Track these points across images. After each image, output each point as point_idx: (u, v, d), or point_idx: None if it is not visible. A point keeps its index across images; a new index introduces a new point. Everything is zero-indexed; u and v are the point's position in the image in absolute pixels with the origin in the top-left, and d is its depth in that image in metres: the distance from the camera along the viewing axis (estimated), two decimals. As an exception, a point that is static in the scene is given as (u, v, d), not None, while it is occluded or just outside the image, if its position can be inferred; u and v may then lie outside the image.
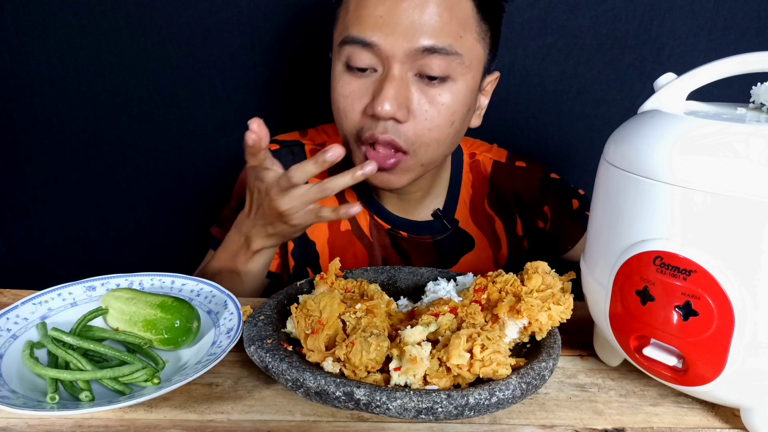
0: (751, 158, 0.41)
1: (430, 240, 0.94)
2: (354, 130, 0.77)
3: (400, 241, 0.94)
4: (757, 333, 0.42)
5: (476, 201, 0.96)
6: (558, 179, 0.99)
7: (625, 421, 0.51)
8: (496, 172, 0.97)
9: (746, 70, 0.48)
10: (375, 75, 0.74)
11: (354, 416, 0.51)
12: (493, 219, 0.97)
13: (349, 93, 0.76)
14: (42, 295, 0.63)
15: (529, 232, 0.99)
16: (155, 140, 1.14)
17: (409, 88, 0.73)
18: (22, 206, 1.20)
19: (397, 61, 0.72)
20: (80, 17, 1.05)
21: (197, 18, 1.06)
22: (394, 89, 0.72)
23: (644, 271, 0.46)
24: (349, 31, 0.73)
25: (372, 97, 0.74)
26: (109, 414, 0.51)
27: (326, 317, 0.54)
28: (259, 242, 0.77)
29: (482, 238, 0.96)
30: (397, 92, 0.72)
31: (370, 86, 0.74)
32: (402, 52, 0.71)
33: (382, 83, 0.73)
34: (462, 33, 0.73)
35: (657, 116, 0.49)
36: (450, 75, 0.74)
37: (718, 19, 1.06)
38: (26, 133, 1.14)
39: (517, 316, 0.53)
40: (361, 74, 0.75)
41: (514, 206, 0.98)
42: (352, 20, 0.73)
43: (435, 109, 0.74)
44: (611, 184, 0.50)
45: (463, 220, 0.95)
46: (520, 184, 0.97)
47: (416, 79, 0.74)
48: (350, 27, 0.73)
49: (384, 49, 0.72)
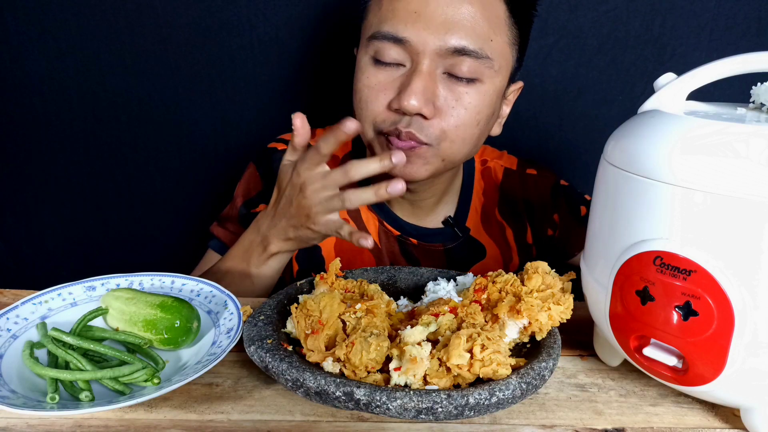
0: (751, 158, 0.41)
1: (441, 248, 0.92)
2: (374, 121, 0.76)
3: (410, 248, 0.92)
4: (757, 333, 0.42)
5: (488, 209, 0.95)
6: (567, 186, 0.99)
7: (625, 421, 0.51)
8: (507, 179, 0.96)
9: (746, 70, 0.48)
10: (402, 69, 0.74)
11: (354, 416, 0.51)
12: (504, 227, 0.96)
13: (374, 84, 0.75)
14: (42, 295, 0.63)
15: (538, 240, 0.98)
16: (155, 140, 1.14)
17: (437, 84, 0.73)
18: (22, 206, 1.20)
19: (426, 57, 0.71)
20: (80, 17, 1.06)
21: (197, 18, 1.06)
22: (422, 84, 0.71)
23: (644, 271, 0.46)
24: (381, 26, 0.73)
25: (398, 91, 0.73)
26: (109, 414, 0.51)
27: (326, 317, 0.54)
28: (277, 245, 0.75)
29: (493, 246, 0.95)
30: (425, 87, 0.71)
31: (397, 80, 0.74)
32: (432, 49, 0.71)
33: (409, 77, 0.72)
34: (493, 36, 0.73)
35: (657, 116, 0.49)
36: (479, 77, 0.73)
37: (719, 19, 1.06)
38: (26, 133, 1.14)
39: (517, 316, 0.53)
40: (387, 67, 0.74)
41: (525, 214, 0.97)
42: (385, 15, 0.73)
43: (462, 108, 0.74)
44: (611, 184, 0.50)
45: (474, 228, 0.94)
46: (531, 192, 0.96)
47: (444, 77, 0.73)
48: (383, 22, 0.73)
49: (415, 45, 0.71)
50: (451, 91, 0.73)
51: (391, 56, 0.73)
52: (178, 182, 1.18)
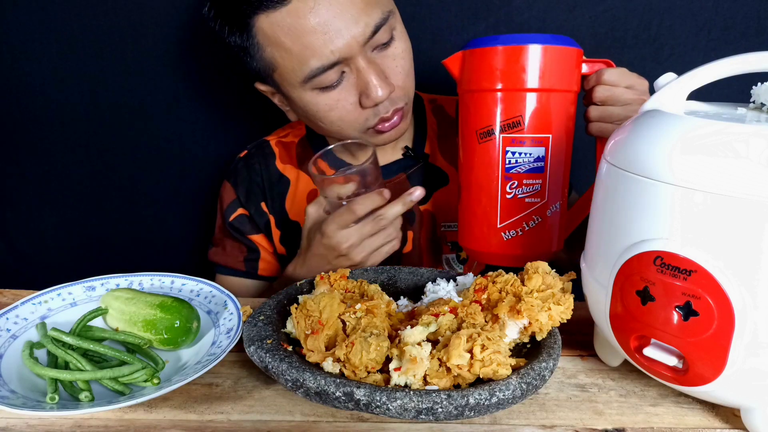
0: (751, 158, 0.41)
1: (403, 176, 0.95)
2: (358, 125, 0.82)
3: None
4: (757, 333, 0.42)
5: (445, 139, 0.98)
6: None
7: (625, 421, 0.51)
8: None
9: (746, 70, 0.48)
10: (345, 76, 0.78)
11: (354, 416, 0.51)
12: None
13: (335, 103, 0.79)
14: (42, 295, 0.63)
15: None
16: (155, 140, 1.14)
17: (377, 63, 0.78)
18: (22, 206, 1.20)
19: (358, 54, 0.76)
20: (80, 17, 1.05)
21: (197, 18, 1.05)
22: (375, 75, 0.76)
23: (644, 271, 0.46)
24: (309, 65, 0.75)
25: (358, 92, 0.78)
26: (108, 414, 0.51)
27: (326, 317, 0.54)
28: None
29: (455, 173, 0.97)
30: (378, 75, 0.77)
31: (349, 87, 0.78)
32: (358, 46, 0.75)
33: (360, 79, 0.77)
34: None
35: (657, 116, 0.49)
36: (393, 29, 0.79)
37: (718, 18, 1.06)
38: (26, 133, 1.14)
39: (518, 316, 0.53)
40: (334, 86, 0.78)
41: None
42: (302, 55, 0.74)
43: (400, 59, 0.80)
44: (611, 184, 0.50)
45: (433, 154, 0.98)
46: None
47: (376, 52, 0.78)
48: (308, 61, 0.74)
49: (346, 55, 0.75)
50: (387, 56, 0.79)
51: (334, 78, 0.77)
52: (179, 182, 1.18)
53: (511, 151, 0.69)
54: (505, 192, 0.71)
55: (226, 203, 0.98)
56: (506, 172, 0.70)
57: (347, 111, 0.80)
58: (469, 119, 0.73)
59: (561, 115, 0.69)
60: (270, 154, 0.98)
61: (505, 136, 0.69)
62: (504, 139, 0.69)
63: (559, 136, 0.70)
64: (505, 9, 1.04)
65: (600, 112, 0.72)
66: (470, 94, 0.72)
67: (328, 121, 0.81)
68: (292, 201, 0.96)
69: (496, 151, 0.70)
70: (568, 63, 0.68)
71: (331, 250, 0.75)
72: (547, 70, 0.67)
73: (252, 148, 1.00)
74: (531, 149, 0.69)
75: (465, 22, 1.06)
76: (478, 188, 0.73)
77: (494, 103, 0.69)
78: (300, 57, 0.75)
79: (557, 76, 0.68)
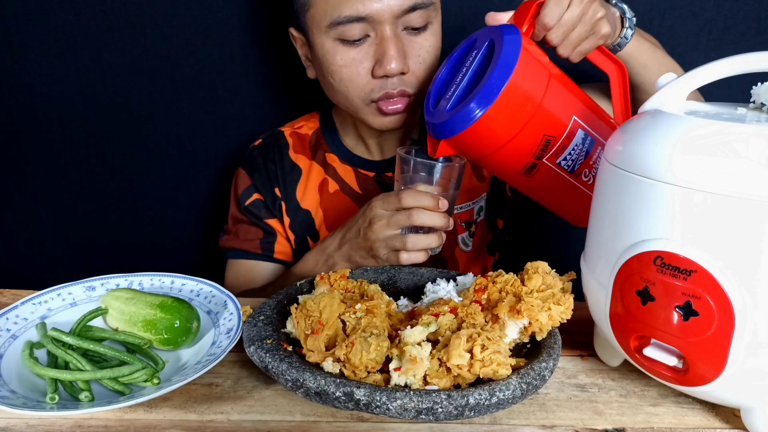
0: (751, 158, 0.41)
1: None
2: (363, 93, 0.83)
3: (387, 181, 0.98)
4: (757, 333, 0.42)
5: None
6: None
7: (625, 421, 0.51)
8: None
9: (746, 70, 0.48)
10: (368, 40, 0.80)
11: (354, 416, 0.51)
12: None
13: (350, 62, 0.81)
14: (42, 295, 0.63)
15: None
16: (155, 140, 1.14)
17: (402, 41, 0.80)
18: (22, 206, 1.20)
19: (387, 23, 0.78)
20: (80, 17, 1.05)
21: (197, 18, 1.06)
22: (395, 47, 0.79)
23: (644, 271, 0.46)
24: (340, 11, 0.78)
25: (373, 60, 0.81)
26: (108, 414, 0.51)
27: (326, 317, 0.54)
28: (341, 265, 0.81)
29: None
30: (398, 49, 0.79)
31: (368, 51, 0.81)
32: (391, 15, 0.78)
33: (381, 46, 0.79)
34: None
35: (657, 116, 0.49)
36: (430, 21, 0.82)
37: (718, 19, 1.06)
38: (26, 134, 1.14)
39: (518, 316, 0.53)
40: (355, 44, 0.80)
41: None
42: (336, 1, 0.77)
43: (425, 52, 0.83)
44: (612, 184, 0.50)
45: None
46: None
47: (405, 33, 0.81)
48: (339, 7, 0.77)
49: (376, 17, 0.77)
50: (414, 42, 0.82)
51: (357, 34, 0.79)
52: (179, 182, 1.18)
53: (562, 158, 0.68)
54: (584, 183, 0.71)
55: (241, 189, 0.99)
56: (573, 174, 0.70)
57: (358, 73, 0.81)
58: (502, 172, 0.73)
59: (559, 98, 0.66)
60: (284, 145, 1.00)
61: (547, 158, 0.68)
62: (550, 159, 0.68)
63: (575, 107, 0.67)
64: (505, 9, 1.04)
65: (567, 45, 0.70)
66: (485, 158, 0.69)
67: (338, 77, 0.83)
68: (303, 190, 0.98)
69: (552, 170, 0.69)
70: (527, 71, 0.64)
71: (366, 219, 0.76)
72: (519, 98, 0.63)
73: (266, 138, 1.02)
74: (573, 142, 0.67)
75: (465, 23, 1.06)
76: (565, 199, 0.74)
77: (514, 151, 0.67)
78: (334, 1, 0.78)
79: (529, 85, 0.64)
